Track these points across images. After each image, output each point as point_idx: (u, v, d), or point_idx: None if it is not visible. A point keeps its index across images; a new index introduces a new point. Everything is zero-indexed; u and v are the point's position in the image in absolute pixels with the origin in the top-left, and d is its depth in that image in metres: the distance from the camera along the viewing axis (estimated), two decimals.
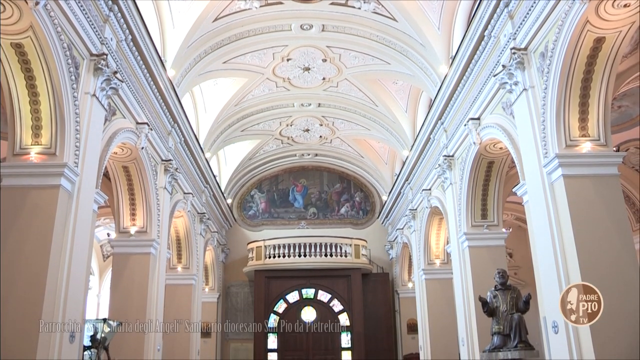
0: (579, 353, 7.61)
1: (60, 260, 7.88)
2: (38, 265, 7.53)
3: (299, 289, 20.67)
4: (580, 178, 8.15)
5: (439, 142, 13.94)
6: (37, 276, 7.48)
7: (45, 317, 7.39)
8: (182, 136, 14.03)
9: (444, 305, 15.65)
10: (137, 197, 12.09)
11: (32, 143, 8.07)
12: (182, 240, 16.20)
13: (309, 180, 23.71)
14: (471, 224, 12.41)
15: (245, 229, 23.05)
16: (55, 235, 7.78)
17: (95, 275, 21.11)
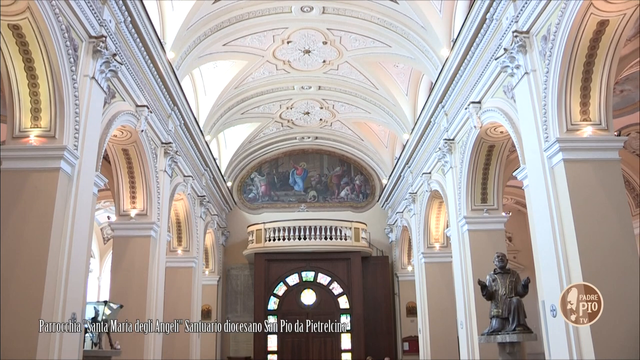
0: (576, 337, 7.66)
1: (61, 243, 7.90)
2: (39, 248, 7.55)
3: (299, 272, 20.76)
4: (580, 162, 8.13)
5: (440, 125, 13.90)
6: (38, 259, 7.50)
7: (47, 300, 7.44)
8: (182, 119, 13.99)
9: (443, 288, 15.73)
10: (137, 180, 12.09)
11: (32, 126, 8.04)
12: (182, 223, 16.23)
13: (309, 163, 23.68)
14: (471, 208, 12.43)
15: (245, 212, 23.08)
16: (55, 218, 7.79)
17: (95, 258, 21.18)
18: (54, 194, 7.84)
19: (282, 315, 20.23)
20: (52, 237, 7.69)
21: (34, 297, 7.34)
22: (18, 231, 7.56)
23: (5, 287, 7.26)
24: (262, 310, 20.06)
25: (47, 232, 7.67)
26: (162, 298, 12.87)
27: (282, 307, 20.39)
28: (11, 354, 7.06)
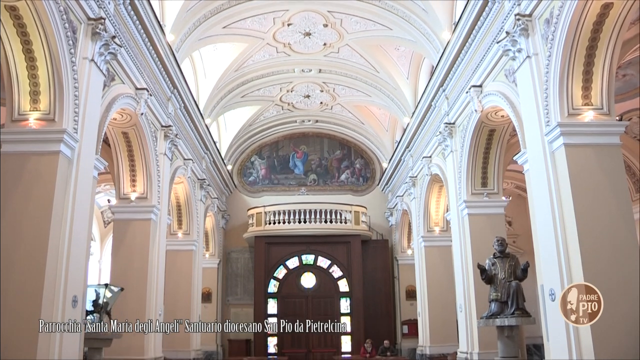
0: None
1: (62, 226, 7.90)
2: (39, 231, 7.57)
3: (299, 255, 20.83)
4: (581, 147, 8.11)
5: (440, 109, 13.85)
6: (39, 242, 7.52)
7: (48, 283, 7.46)
8: (181, 102, 13.93)
9: (443, 272, 15.80)
10: (137, 163, 12.08)
11: (31, 109, 8.01)
12: (183, 207, 16.26)
13: (309, 146, 23.64)
14: (471, 192, 12.43)
15: (246, 195, 23.09)
16: (55, 202, 7.79)
17: (96, 241, 21.25)
18: (54, 177, 7.83)
19: (282, 298, 20.36)
20: (53, 221, 7.70)
21: (35, 280, 7.37)
22: (18, 215, 7.57)
23: (7, 270, 7.28)
24: (262, 293, 20.18)
25: (47, 215, 7.67)
26: (163, 281, 12.93)
27: (282, 290, 20.50)
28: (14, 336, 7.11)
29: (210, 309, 20.18)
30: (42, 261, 7.45)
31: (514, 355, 9.57)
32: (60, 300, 7.69)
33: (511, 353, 9.58)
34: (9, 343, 7.06)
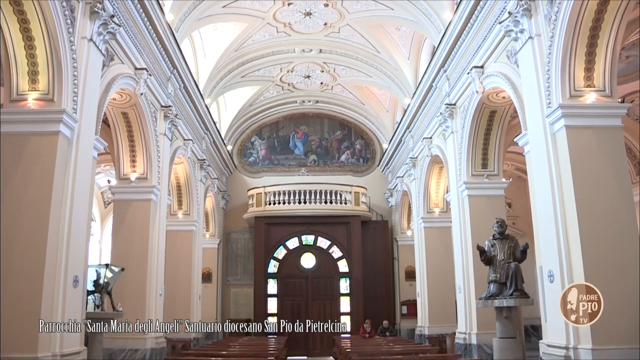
0: None
1: (62, 206, 7.91)
2: (40, 212, 7.58)
3: (299, 236, 20.88)
4: (582, 129, 8.09)
5: (441, 90, 13.79)
6: (39, 223, 7.54)
7: (49, 263, 7.50)
8: (181, 82, 13.86)
9: (442, 253, 15.87)
10: (137, 143, 12.05)
11: (29, 89, 7.96)
12: (183, 187, 16.27)
13: (310, 127, 23.57)
14: (471, 173, 12.43)
15: (246, 176, 23.09)
16: (55, 182, 7.79)
17: (96, 221, 21.30)
18: (53, 157, 7.82)
19: (281, 278, 20.46)
20: (53, 201, 7.70)
21: (36, 261, 7.40)
22: (18, 196, 7.57)
23: (7, 251, 7.31)
24: (262, 274, 20.27)
25: (47, 196, 7.68)
26: (163, 261, 13.00)
27: (282, 271, 20.59)
28: (16, 317, 7.16)
29: (210, 289, 20.30)
30: (43, 242, 7.47)
31: (512, 336, 9.64)
32: (62, 281, 7.73)
33: (509, 334, 9.65)
34: (11, 324, 7.11)
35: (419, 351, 12.47)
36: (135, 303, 11.22)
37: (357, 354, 11.07)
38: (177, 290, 15.50)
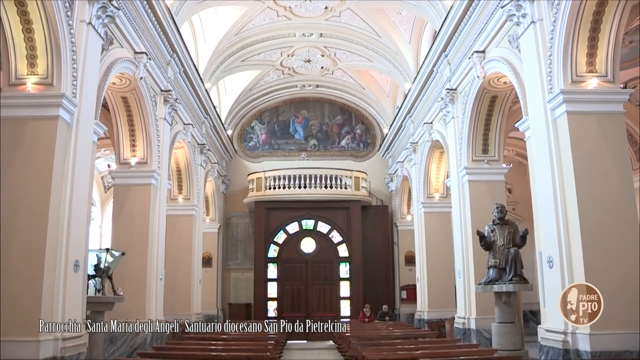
0: None
1: (62, 191, 7.91)
2: (40, 196, 7.58)
3: (299, 220, 20.90)
4: (584, 115, 8.06)
5: (442, 75, 13.72)
6: (40, 207, 7.54)
7: (50, 248, 7.52)
8: (181, 66, 13.78)
9: (442, 238, 15.89)
10: (137, 128, 12.02)
11: (28, 73, 7.92)
12: (183, 171, 16.26)
13: (310, 111, 23.50)
14: (472, 159, 12.42)
15: (246, 160, 23.07)
16: (55, 167, 7.78)
17: (97, 206, 21.30)
18: (53, 142, 7.81)
19: (281, 263, 20.53)
20: (53, 186, 7.70)
21: (37, 245, 7.42)
22: (19, 180, 7.57)
23: (8, 236, 7.33)
24: (262, 258, 20.33)
25: (47, 180, 7.68)
26: (164, 246, 13.03)
27: (282, 255, 20.65)
28: (17, 301, 7.19)
29: (210, 273, 20.37)
30: (43, 226, 7.48)
31: (510, 321, 9.73)
32: (62, 265, 7.76)
33: (508, 318, 9.73)
34: (13, 308, 7.15)
35: (418, 335, 12.56)
36: (136, 287, 11.28)
37: (356, 339, 11.14)
38: (178, 274, 15.56)
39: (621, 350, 7.12)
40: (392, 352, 8.64)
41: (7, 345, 7.02)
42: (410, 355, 8.26)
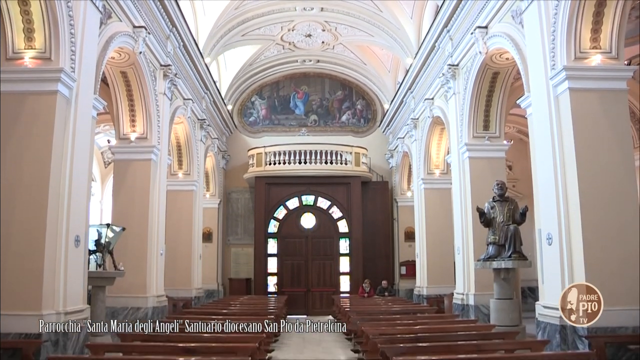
0: (570, 264, 7.82)
1: (62, 166, 7.89)
2: (40, 172, 7.57)
3: (299, 196, 20.93)
4: (586, 92, 8.00)
5: (444, 50, 13.59)
6: (40, 183, 7.54)
7: (50, 223, 7.53)
8: (180, 41, 13.64)
9: (442, 214, 15.93)
10: (137, 103, 11.96)
11: (25, 47, 7.83)
12: (183, 147, 16.22)
13: (311, 87, 23.35)
14: (472, 135, 12.38)
15: (246, 136, 23.00)
16: (55, 142, 7.75)
17: (97, 181, 21.32)
18: (52, 117, 7.76)
19: (282, 238, 20.61)
20: (53, 161, 7.68)
21: (37, 221, 7.43)
22: (18, 156, 7.55)
23: (9, 211, 7.33)
24: (263, 233, 20.41)
25: (47, 155, 7.66)
26: (164, 221, 13.06)
27: (282, 230, 20.72)
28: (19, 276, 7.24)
29: (210, 248, 20.48)
30: (44, 202, 7.49)
31: (509, 297, 9.80)
32: (63, 240, 7.78)
33: (506, 295, 9.81)
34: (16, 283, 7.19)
35: (417, 311, 12.66)
36: (137, 262, 11.34)
37: (355, 313, 11.23)
38: (178, 249, 15.63)
39: (616, 327, 7.18)
40: (391, 327, 8.72)
41: (10, 319, 7.08)
42: (409, 330, 8.33)
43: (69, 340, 7.66)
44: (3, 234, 7.26)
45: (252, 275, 20.74)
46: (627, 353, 7.07)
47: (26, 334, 7.11)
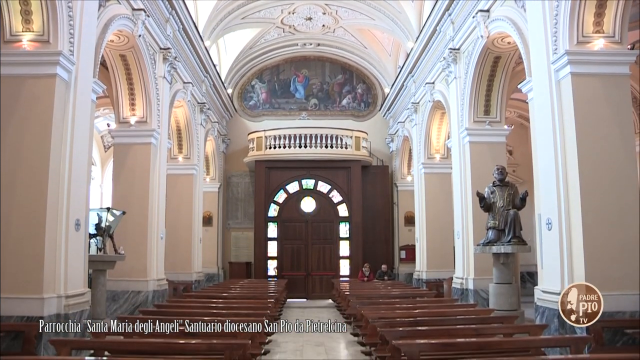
0: (569, 250, 7.84)
1: (61, 150, 7.86)
2: (40, 156, 7.54)
3: (299, 180, 20.93)
4: (588, 77, 7.94)
5: (445, 34, 13.50)
6: (40, 167, 7.51)
7: (50, 207, 7.52)
8: (180, 24, 13.55)
9: (442, 199, 15.95)
10: (136, 86, 11.91)
11: (23, 30, 7.75)
12: (183, 131, 16.18)
13: (311, 70, 23.24)
14: (473, 120, 12.36)
15: (246, 120, 22.94)
16: (54, 126, 7.71)
17: (97, 165, 21.31)
18: (51, 100, 7.71)
19: (282, 222, 20.65)
20: (53, 145, 7.64)
21: (37, 205, 7.41)
22: (18, 139, 7.51)
23: (9, 195, 7.32)
24: (263, 217, 20.45)
25: (47, 139, 7.61)
26: (164, 205, 13.07)
27: (282, 214, 20.75)
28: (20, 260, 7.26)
29: (211, 232, 20.52)
30: (44, 186, 7.47)
31: (508, 282, 9.85)
32: (64, 224, 7.78)
33: (505, 279, 9.85)
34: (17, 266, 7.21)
35: (417, 295, 12.72)
36: (137, 246, 11.37)
37: (355, 297, 11.28)
38: (178, 233, 15.66)
39: (614, 311, 7.21)
40: (390, 311, 8.76)
41: (12, 302, 7.11)
42: (409, 314, 8.38)
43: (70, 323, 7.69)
44: (3, 219, 7.26)
45: (252, 259, 20.81)
46: (624, 337, 7.12)
47: (28, 317, 7.15)
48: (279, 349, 9.58)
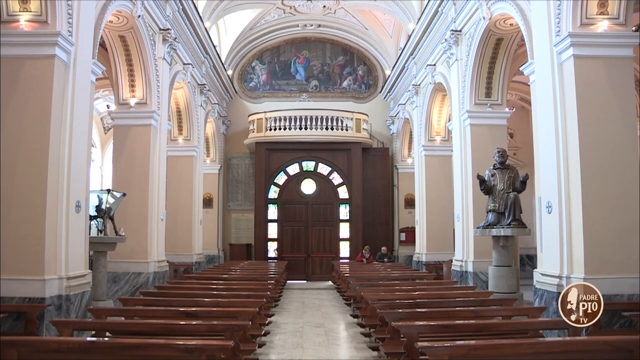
0: (569, 233, 7.85)
1: (61, 132, 7.84)
2: (39, 137, 7.52)
3: (300, 162, 20.91)
4: (591, 59, 7.88)
5: (447, 15, 13.39)
6: (39, 149, 7.49)
7: (51, 189, 7.52)
8: (180, 4, 13.43)
9: (442, 181, 15.96)
10: (136, 68, 11.84)
11: (21, 9, 7.66)
12: (183, 112, 16.13)
13: (312, 52, 23.09)
14: (474, 102, 12.31)
15: (246, 101, 22.86)
16: (54, 107, 7.68)
17: (97, 147, 21.27)
18: (50, 82, 7.67)
19: (282, 204, 20.68)
20: (52, 127, 7.62)
21: (38, 187, 7.42)
22: (17, 121, 7.48)
23: (9, 177, 7.32)
24: (263, 199, 20.47)
25: (46, 121, 7.59)
26: (164, 186, 13.07)
27: (282, 196, 20.77)
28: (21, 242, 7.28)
29: (211, 214, 20.56)
30: (44, 168, 7.46)
31: (507, 265, 9.88)
32: (64, 206, 7.79)
33: (505, 262, 9.89)
34: (18, 248, 7.24)
35: (416, 277, 12.79)
36: (137, 228, 11.39)
37: (355, 279, 11.34)
38: (179, 215, 15.69)
39: (612, 294, 7.24)
40: (390, 293, 8.81)
41: (14, 283, 7.16)
42: (408, 296, 8.42)
43: (72, 304, 7.75)
44: (4, 201, 7.27)
45: (252, 241, 20.88)
46: (621, 320, 7.17)
47: (30, 298, 7.21)
48: (279, 330, 9.67)
